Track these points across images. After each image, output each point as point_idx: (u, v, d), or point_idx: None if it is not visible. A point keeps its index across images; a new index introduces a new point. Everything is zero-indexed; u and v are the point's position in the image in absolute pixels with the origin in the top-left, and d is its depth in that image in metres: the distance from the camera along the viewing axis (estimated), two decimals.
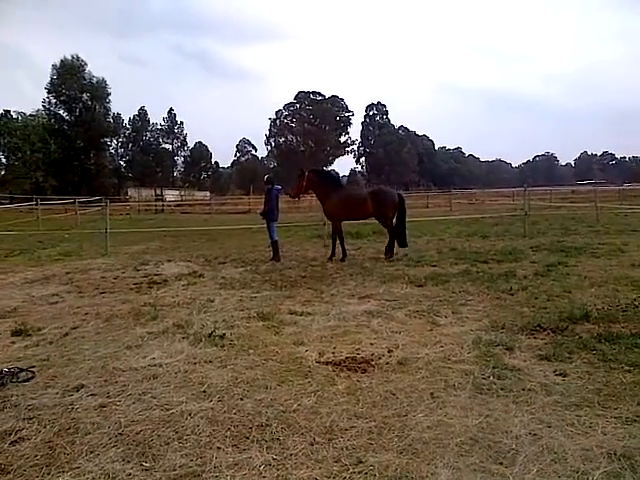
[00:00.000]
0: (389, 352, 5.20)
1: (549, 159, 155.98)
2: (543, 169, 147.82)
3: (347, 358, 5.05)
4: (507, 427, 3.56)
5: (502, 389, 4.22)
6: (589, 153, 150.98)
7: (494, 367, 4.68)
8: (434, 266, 10.50)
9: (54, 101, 63.32)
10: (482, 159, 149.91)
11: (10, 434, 3.65)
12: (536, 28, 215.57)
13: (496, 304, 7.15)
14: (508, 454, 3.22)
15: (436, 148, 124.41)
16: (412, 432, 3.53)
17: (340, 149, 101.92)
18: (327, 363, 4.96)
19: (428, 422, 3.67)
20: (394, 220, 12.24)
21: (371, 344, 5.49)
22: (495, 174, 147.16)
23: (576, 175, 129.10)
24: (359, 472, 3.07)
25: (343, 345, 5.50)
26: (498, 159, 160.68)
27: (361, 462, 3.17)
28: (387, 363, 4.91)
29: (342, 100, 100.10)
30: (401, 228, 12.16)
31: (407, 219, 12.51)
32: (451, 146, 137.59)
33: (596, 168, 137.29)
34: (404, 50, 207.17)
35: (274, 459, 3.24)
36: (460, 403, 3.97)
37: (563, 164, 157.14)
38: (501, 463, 3.12)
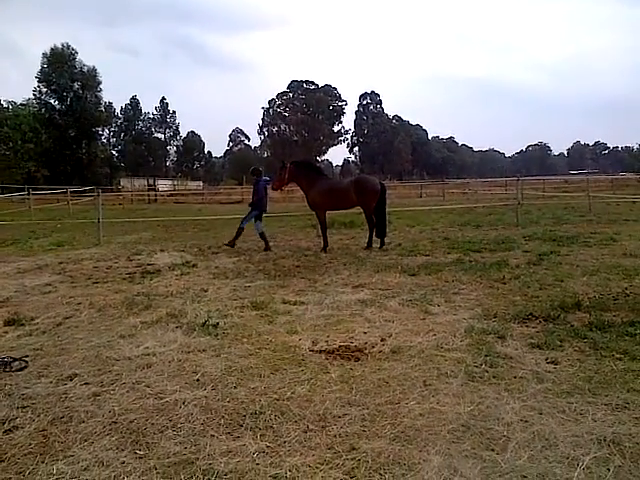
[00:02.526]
0: (382, 341, 5.22)
1: (542, 149, 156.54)
2: (536, 159, 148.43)
3: (340, 347, 5.07)
4: (499, 414, 3.59)
5: (494, 377, 4.25)
6: (582, 143, 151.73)
7: (486, 355, 4.72)
8: (427, 255, 10.54)
9: (45, 90, 62.77)
10: (475, 149, 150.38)
11: (4, 423, 3.64)
12: (526, 17, 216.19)
13: (488, 293, 7.19)
14: (499, 441, 3.25)
15: (429, 137, 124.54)
16: (405, 419, 3.56)
17: (333, 138, 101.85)
18: (320, 352, 4.97)
19: (420, 409, 3.70)
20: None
21: (364, 333, 5.52)
22: (488, 164, 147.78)
23: (569, 165, 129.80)
24: (352, 459, 3.09)
25: (336, 334, 5.52)
26: (491, 149, 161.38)
27: (354, 449, 3.19)
28: (380, 351, 4.93)
29: (335, 89, 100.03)
30: (381, 218, 12.04)
31: (402, 208, 12.56)
32: (444, 136, 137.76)
33: (589, 158, 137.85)
34: (398, 39, 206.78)
35: (268, 446, 3.26)
36: (452, 391, 4.00)
37: (556, 154, 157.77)
38: (492, 449, 3.15)
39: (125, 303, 7.09)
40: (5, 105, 66.98)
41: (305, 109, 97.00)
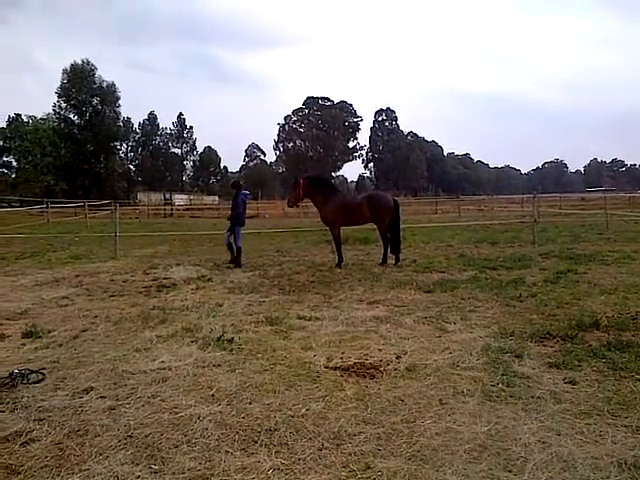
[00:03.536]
0: (397, 358, 5.19)
1: (558, 166, 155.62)
2: (552, 176, 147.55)
3: (355, 363, 5.05)
4: (516, 434, 3.55)
5: (511, 396, 4.20)
6: (599, 160, 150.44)
7: (503, 374, 4.67)
8: (443, 272, 10.49)
9: (64, 105, 63.80)
10: (491, 165, 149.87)
11: (21, 435, 3.67)
12: (541, 33, 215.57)
13: (505, 311, 7.12)
14: (517, 461, 3.20)
15: (445, 154, 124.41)
16: (420, 438, 3.53)
17: (348, 154, 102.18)
18: (335, 368, 4.95)
19: (436, 428, 3.67)
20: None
21: (379, 350, 5.49)
22: (504, 180, 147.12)
23: (586, 182, 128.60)
24: (367, 478, 3.06)
25: (351, 350, 5.49)
26: (507, 165, 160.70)
27: (369, 468, 3.17)
28: (395, 369, 4.90)
29: (351, 105, 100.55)
30: (395, 234, 11.99)
31: (417, 225, 12.52)
32: (460, 152, 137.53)
33: (606, 175, 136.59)
34: (413, 56, 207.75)
35: (282, 463, 3.24)
36: (469, 410, 3.96)
37: (573, 171, 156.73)
38: (510, 470, 3.11)
39: (141, 317, 7.14)
40: (26, 120, 68.42)
41: (320, 125, 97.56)
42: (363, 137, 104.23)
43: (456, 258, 12.58)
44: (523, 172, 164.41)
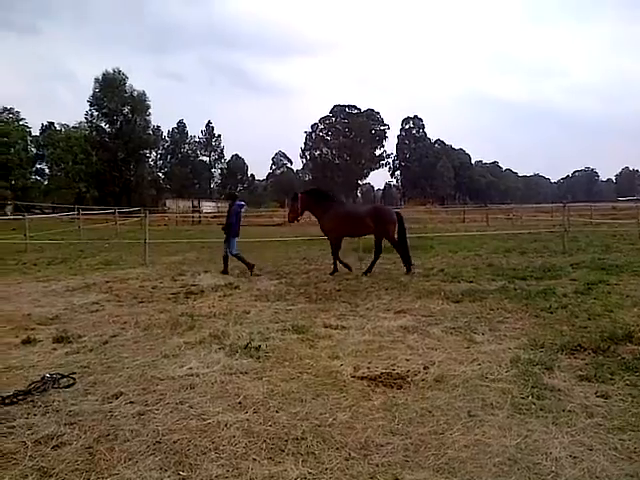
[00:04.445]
0: (425, 369, 5.15)
1: (589, 174, 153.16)
2: (582, 184, 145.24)
3: (382, 373, 5.02)
4: (547, 448, 3.49)
5: (541, 409, 4.13)
6: (631, 169, 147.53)
7: (533, 387, 4.59)
8: (471, 282, 10.37)
9: (96, 114, 65.00)
10: (520, 174, 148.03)
11: (52, 438, 3.74)
12: (569, 39, 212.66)
13: (535, 322, 7.00)
14: (548, 476, 3.15)
15: (473, 162, 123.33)
16: (449, 450, 3.49)
17: (375, 162, 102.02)
18: (362, 378, 4.93)
19: (465, 441, 3.62)
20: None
21: (407, 360, 5.45)
22: (533, 189, 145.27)
23: (617, 191, 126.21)
24: None
25: (378, 360, 5.47)
26: (536, 174, 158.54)
27: (397, 479, 3.15)
28: (423, 380, 4.86)
29: (378, 113, 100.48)
30: (403, 246, 12.07)
31: (444, 234, 12.42)
32: (488, 160, 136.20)
33: (638, 184, 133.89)
34: (441, 63, 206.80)
35: (309, 473, 3.24)
36: (498, 422, 3.91)
37: (604, 180, 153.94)
38: None
39: (169, 323, 7.21)
40: (58, 128, 69.92)
41: (347, 133, 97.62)
42: (390, 145, 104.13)
43: (484, 268, 12.43)
44: (552, 181, 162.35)
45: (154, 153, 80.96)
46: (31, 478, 3.22)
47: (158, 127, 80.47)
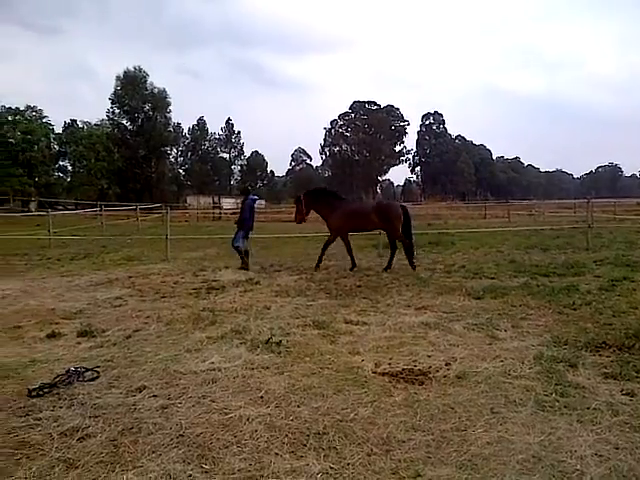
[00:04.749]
0: (447, 365, 5.12)
1: (613, 170, 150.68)
2: (606, 180, 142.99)
3: (404, 369, 5.00)
4: (571, 446, 3.44)
5: (565, 407, 4.08)
6: None
7: (557, 384, 4.54)
8: (492, 278, 10.28)
9: (117, 111, 65.57)
10: (542, 169, 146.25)
11: (77, 431, 3.80)
12: (593, 31, 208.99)
13: (558, 319, 6.92)
14: (573, 474, 3.11)
15: (494, 158, 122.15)
16: (471, 447, 3.47)
17: (395, 158, 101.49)
18: (383, 374, 4.93)
19: (488, 437, 3.59)
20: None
21: (428, 356, 5.42)
22: (555, 185, 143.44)
23: None
24: None
25: (399, 356, 5.45)
26: (558, 169, 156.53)
27: (419, 475, 3.14)
28: (445, 376, 4.83)
29: (398, 109, 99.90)
30: (408, 235, 12.22)
31: (465, 230, 12.34)
32: (509, 156, 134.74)
33: None
34: (461, 58, 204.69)
35: (331, 467, 3.24)
36: (521, 420, 3.87)
37: (628, 175, 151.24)
38: None
39: (191, 318, 7.27)
40: (81, 125, 70.75)
41: (367, 129, 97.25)
42: (410, 141, 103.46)
43: (506, 264, 12.31)
44: (575, 176, 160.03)
45: (175, 150, 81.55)
46: (57, 469, 3.28)
47: (179, 124, 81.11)
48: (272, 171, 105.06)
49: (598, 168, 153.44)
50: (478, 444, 3.51)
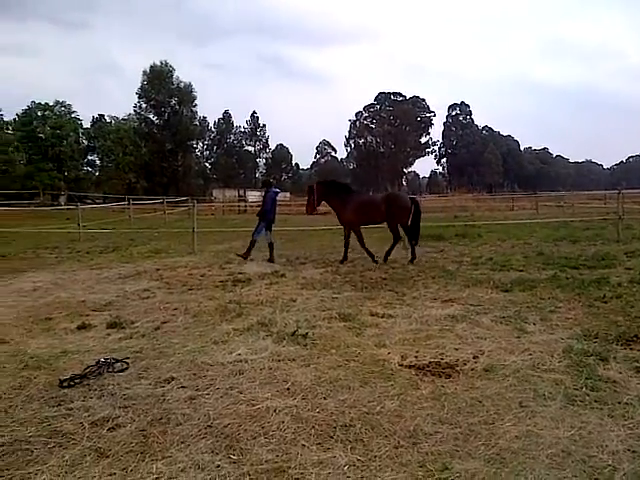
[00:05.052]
0: (474, 358, 5.07)
1: None
2: (637, 170, 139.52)
3: (431, 362, 4.98)
4: (602, 441, 3.39)
5: (596, 401, 4.01)
6: None
7: (587, 378, 4.46)
8: (521, 271, 10.14)
9: (144, 105, 66.22)
10: (571, 160, 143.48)
11: (108, 420, 3.87)
12: (621, 21, 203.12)
13: (588, 312, 6.80)
14: (605, 470, 3.06)
15: (521, 148, 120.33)
16: (500, 441, 3.43)
17: (421, 150, 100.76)
18: (410, 367, 4.90)
19: (516, 431, 3.56)
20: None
21: (455, 349, 5.38)
22: (585, 176, 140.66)
23: None
24: (445, 478, 3.02)
25: (426, 349, 5.42)
26: (588, 160, 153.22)
27: (447, 468, 3.12)
28: (472, 369, 4.79)
29: (423, 100, 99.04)
30: (416, 227, 12.26)
31: (492, 222, 12.21)
32: (537, 146, 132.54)
33: None
34: (488, 48, 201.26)
35: (358, 460, 3.24)
36: (550, 414, 3.82)
37: None
38: (597, 479, 2.97)
39: (218, 310, 7.33)
40: (108, 120, 71.62)
41: (392, 121, 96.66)
42: (436, 132, 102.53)
43: (534, 256, 12.14)
44: (605, 167, 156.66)
45: (201, 144, 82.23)
46: (89, 458, 3.34)
47: (204, 118, 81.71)
48: (297, 164, 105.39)
49: (629, 158, 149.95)
50: (506, 438, 3.47)
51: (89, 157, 71.95)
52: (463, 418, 3.78)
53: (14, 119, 59.88)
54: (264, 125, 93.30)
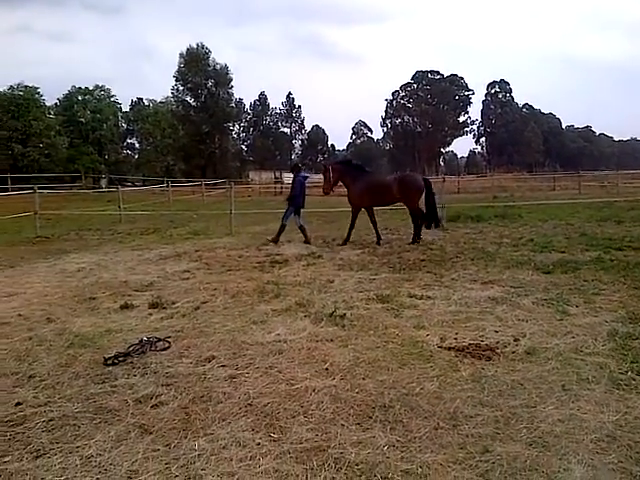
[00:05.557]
0: (515, 341, 5.00)
1: None
2: None
3: (470, 344, 4.92)
4: None
5: None
6: None
7: (632, 362, 4.36)
8: (562, 252, 9.91)
9: (181, 88, 66.62)
10: (615, 138, 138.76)
11: (151, 398, 3.96)
12: None
13: (633, 294, 6.61)
14: None
15: (563, 127, 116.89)
16: (542, 424, 3.38)
17: (459, 129, 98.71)
18: (449, 348, 4.86)
19: (559, 415, 3.50)
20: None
21: (496, 332, 5.31)
22: (630, 154, 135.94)
23: None
24: (486, 461, 2.99)
25: (466, 331, 5.37)
26: (634, 138, 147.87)
27: (487, 451, 3.09)
28: (513, 352, 4.73)
29: (462, 78, 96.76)
30: (431, 208, 12.29)
31: (533, 202, 11.96)
32: (580, 124, 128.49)
33: None
34: (529, 23, 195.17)
35: (398, 440, 3.25)
36: (595, 398, 3.74)
37: None
38: None
39: (256, 291, 7.40)
40: (147, 103, 72.53)
41: (429, 100, 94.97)
42: (475, 111, 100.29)
43: (577, 237, 11.84)
44: None
45: (237, 126, 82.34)
46: (133, 434, 3.43)
47: (240, 100, 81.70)
48: (333, 145, 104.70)
49: None
50: (549, 422, 3.42)
51: (128, 140, 73.30)
52: (504, 401, 3.74)
53: (55, 104, 61.19)
54: (299, 106, 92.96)
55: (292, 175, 13.80)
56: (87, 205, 27.13)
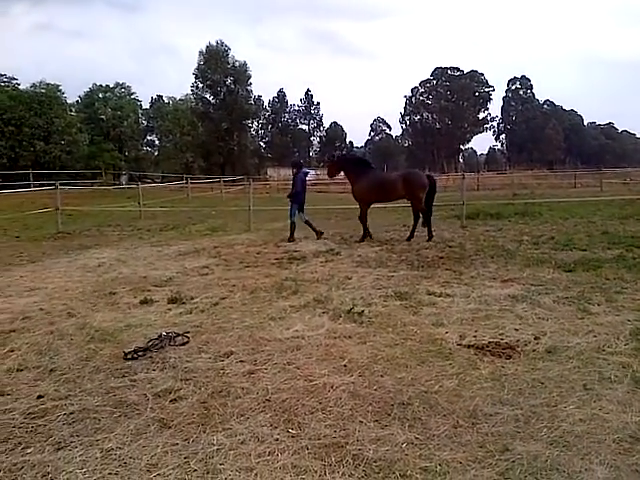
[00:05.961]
0: (536, 339, 4.95)
1: None
2: None
3: (490, 342, 4.88)
4: None
5: None
6: None
7: None
8: (584, 250, 9.78)
9: (201, 85, 66.86)
10: (638, 135, 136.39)
11: (170, 392, 4.00)
12: None
13: None
14: None
15: (585, 124, 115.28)
16: (563, 424, 3.34)
17: (478, 126, 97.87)
18: (469, 346, 4.83)
19: (581, 414, 3.46)
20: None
21: (516, 330, 5.26)
22: None
23: None
24: (505, 460, 2.96)
25: (485, 329, 5.32)
26: None
27: (507, 450, 3.06)
28: (534, 350, 4.68)
29: (482, 75, 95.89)
30: (428, 206, 12.31)
31: (554, 200, 11.83)
32: (602, 121, 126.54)
33: None
34: (550, 18, 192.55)
35: (416, 438, 3.23)
36: (617, 397, 3.69)
37: None
38: None
39: (275, 287, 7.42)
40: (166, 101, 72.94)
41: (449, 96, 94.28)
42: (495, 107, 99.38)
43: (599, 235, 11.67)
44: None
45: (256, 123, 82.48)
46: (152, 428, 3.46)
47: (259, 97, 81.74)
48: (351, 142, 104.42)
49: None
50: (570, 421, 3.38)
51: (148, 137, 73.64)
52: (524, 399, 3.70)
53: (77, 101, 61.76)
54: (318, 103, 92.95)
55: (293, 172, 13.74)
56: (108, 201, 27.37)
